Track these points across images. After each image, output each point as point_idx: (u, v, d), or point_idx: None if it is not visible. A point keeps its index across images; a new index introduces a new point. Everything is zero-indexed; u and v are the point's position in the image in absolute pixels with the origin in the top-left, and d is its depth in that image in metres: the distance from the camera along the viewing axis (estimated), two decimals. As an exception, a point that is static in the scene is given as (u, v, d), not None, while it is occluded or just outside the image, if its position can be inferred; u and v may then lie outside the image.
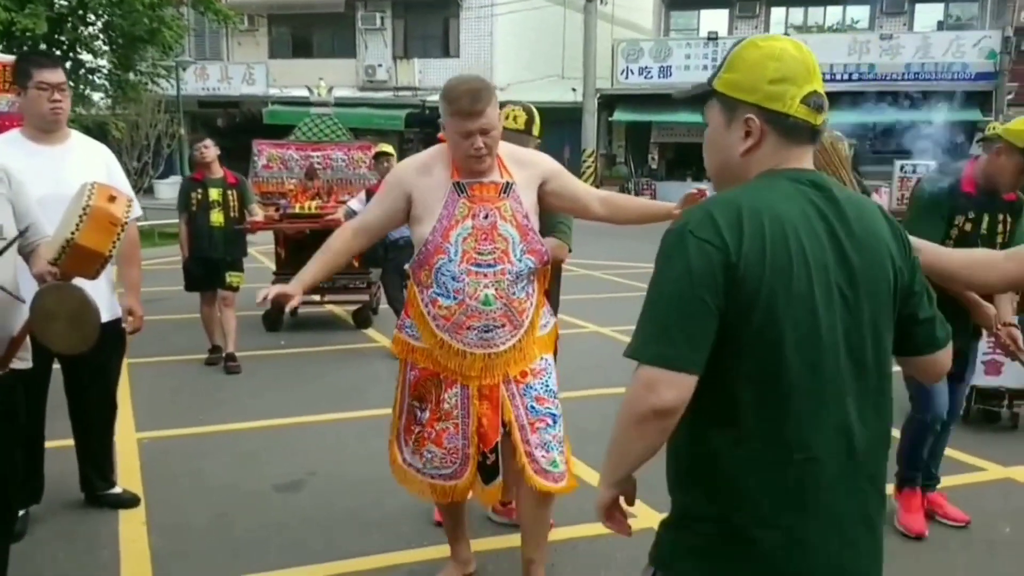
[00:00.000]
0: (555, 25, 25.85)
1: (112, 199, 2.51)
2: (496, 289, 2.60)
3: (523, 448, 2.71)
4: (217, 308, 6.52)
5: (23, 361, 2.64)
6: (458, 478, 2.81)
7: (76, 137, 3.59)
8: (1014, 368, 4.69)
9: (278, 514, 3.72)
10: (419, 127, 24.46)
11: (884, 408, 1.46)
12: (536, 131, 3.47)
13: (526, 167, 2.77)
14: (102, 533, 3.49)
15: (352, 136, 8.26)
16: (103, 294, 3.45)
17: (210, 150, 6.38)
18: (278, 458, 4.39)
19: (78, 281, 2.60)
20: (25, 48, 12.25)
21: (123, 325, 3.64)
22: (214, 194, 6.38)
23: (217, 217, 6.37)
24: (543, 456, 2.72)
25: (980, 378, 4.92)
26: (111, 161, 3.66)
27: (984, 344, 4.59)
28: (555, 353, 2.96)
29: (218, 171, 6.43)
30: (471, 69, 24.86)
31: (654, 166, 25.02)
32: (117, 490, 3.82)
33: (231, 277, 6.43)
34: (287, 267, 7.58)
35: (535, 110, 3.50)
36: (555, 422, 2.78)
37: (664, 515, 1.52)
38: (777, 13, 24.86)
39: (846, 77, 21.22)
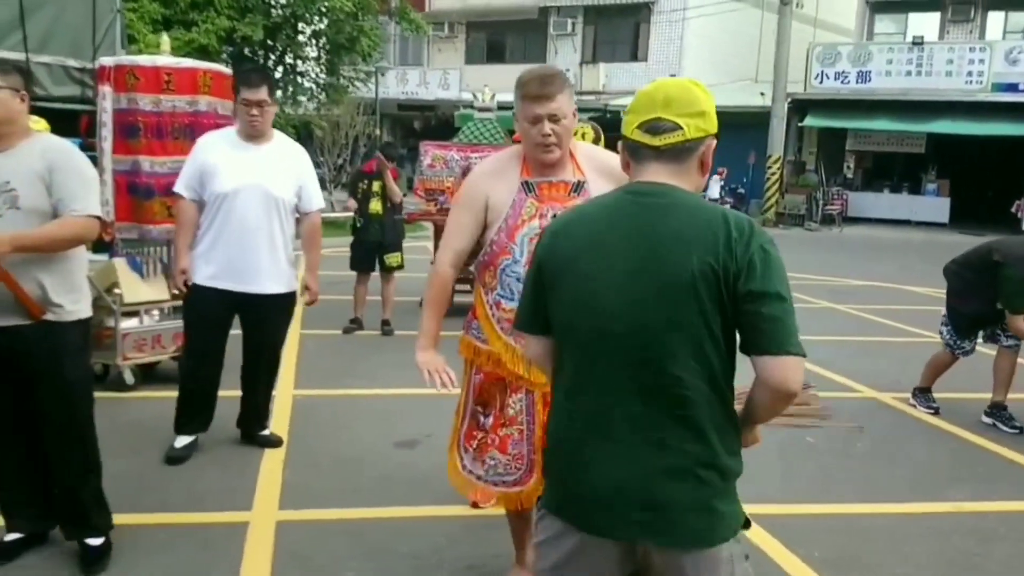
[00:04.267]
0: (751, 27, 25.33)
1: None
2: None
3: None
4: (379, 286, 7.43)
5: (57, 315, 2.91)
6: (523, 484, 2.73)
7: (278, 139, 4.20)
8: None
9: (394, 465, 4.25)
10: (601, 131, 24.82)
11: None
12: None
13: (603, 170, 2.62)
14: (247, 464, 4.15)
15: (509, 139, 8.77)
16: (283, 270, 4.17)
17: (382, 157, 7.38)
18: (403, 420, 4.92)
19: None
20: (245, 52, 13.88)
21: (301, 297, 4.32)
22: (376, 186, 7.29)
23: (375, 206, 7.28)
24: None
25: None
26: (303, 162, 4.26)
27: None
28: None
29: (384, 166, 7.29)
30: (658, 72, 24.87)
31: (849, 175, 23.87)
32: (266, 432, 4.49)
33: (389, 259, 7.36)
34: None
35: (601, 130, 3.60)
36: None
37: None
38: (995, 17, 22.90)
39: (1067, 86, 19.31)
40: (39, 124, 4.40)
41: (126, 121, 5.10)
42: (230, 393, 4.47)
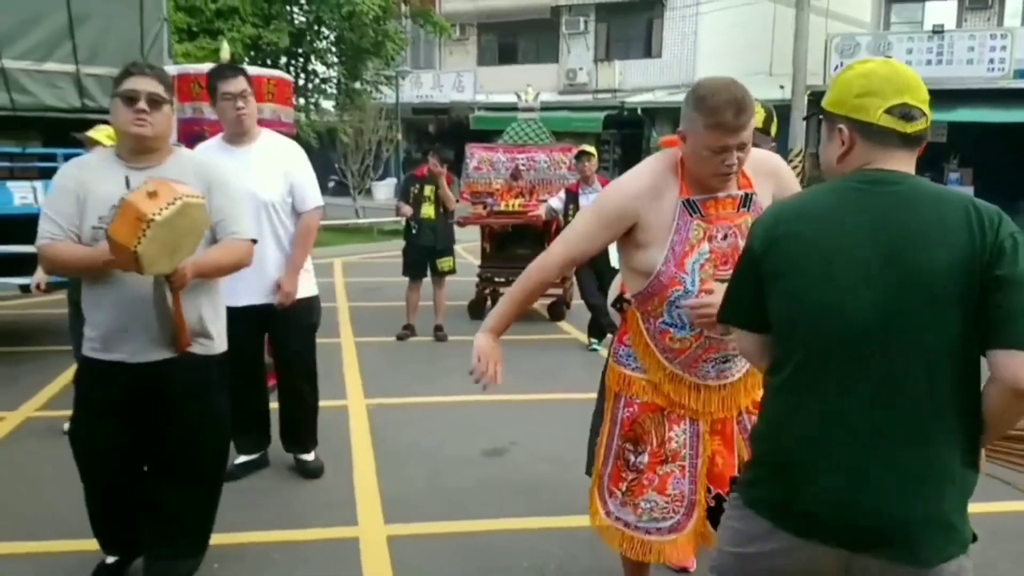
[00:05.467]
0: (763, 21, 25.17)
1: (151, 194, 2.35)
2: None
3: None
4: (431, 290, 7.35)
5: (204, 347, 2.79)
6: (680, 530, 2.44)
7: (265, 138, 3.85)
8: None
9: (486, 474, 4.15)
10: (617, 128, 24.73)
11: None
12: (774, 130, 3.27)
13: (765, 171, 2.38)
14: (339, 477, 4.06)
15: (555, 139, 8.67)
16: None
17: (436, 164, 7.17)
18: (483, 428, 4.83)
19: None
20: (268, 61, 13.81)
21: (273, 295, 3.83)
22: (428, 191, 7.18)
23: (427, 211, 7.18)
24: None
25: None
26: (295, 157, 3.87)
27: None
28: None
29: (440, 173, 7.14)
30: (673, 69, 24.81)
31: (870, 166, 23.62)
32: (308, 458, 4.12)
33: (442, 263, 7.26)
34: (491, 261, 8.15)
35: (772, 109, 3.25)
36: None
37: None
38: (1013, 3, 22.71)
39: (1093, 72, 19.11)
40: (100, 133, 4.33)
41: (192, 131, 5.01)
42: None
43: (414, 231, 7.21)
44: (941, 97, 16.87)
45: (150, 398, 2.71)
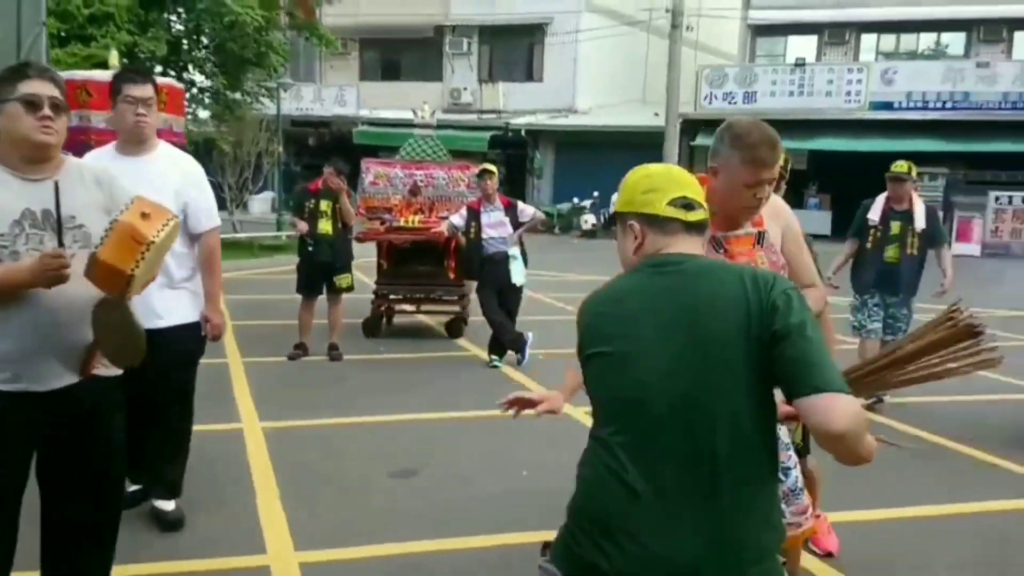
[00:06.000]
0: (639, 50, 26.16)
1: (145, 216, 2.28)
2: None
3: None
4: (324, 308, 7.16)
5: (108, 368, 2.59)
6: None
7: (163, 150, 3.61)
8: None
9: (397, 497, 4.09)
10: (502, 149, 25.04)
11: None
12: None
13: (773, 215, 2.60)
14: (242, 503, 3.90)
15: (452, 157, 8.70)
16: (175, 298, 3.54)
17: (334, 178, 7.06)
18: (387, 449, 4.76)
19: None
20: (144, 67, 13.23)
21: (203, 333, 3.66)
22: (324, 205, 7.02)
23: (324, 226, 7.02)
24: None
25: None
26: (191, 173, 3.64)
27: None
28: None
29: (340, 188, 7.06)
30: (554, 93, 25.37)
31: (736, 191, 24.84)
32: (168, 507, 3.65)
33: (340, 280, 7.10)
34: (388, 278, 8.06)
35: (790, 155, 3.33)
36: (787, 476, 2.63)
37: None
38: (868, 39, 24.54)
39: (939, 105, 20.86)
40: None
41: (77, 140, 4.71)
42: (206, 427, 4.20)
43: (310, 247, 7.02)
44: (802, 127, 17.92)
45: (61, 425, 2.50)
